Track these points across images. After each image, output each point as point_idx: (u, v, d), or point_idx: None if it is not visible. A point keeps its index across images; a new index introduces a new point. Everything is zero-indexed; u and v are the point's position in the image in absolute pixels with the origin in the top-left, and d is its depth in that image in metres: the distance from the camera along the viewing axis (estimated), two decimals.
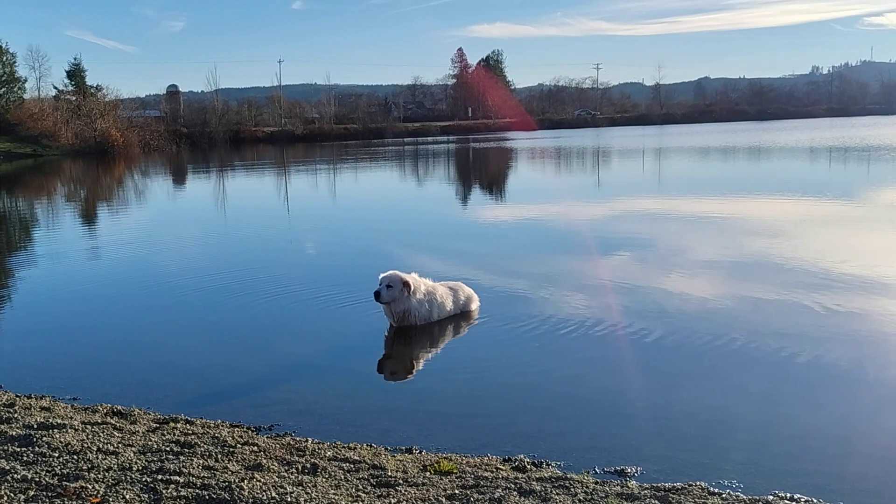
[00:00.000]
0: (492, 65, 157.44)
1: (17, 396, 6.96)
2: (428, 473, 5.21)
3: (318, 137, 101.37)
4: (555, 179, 35.18)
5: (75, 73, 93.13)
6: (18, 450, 5.22)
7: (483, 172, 42.79)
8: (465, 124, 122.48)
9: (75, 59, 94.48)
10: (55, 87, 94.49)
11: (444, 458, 5.56)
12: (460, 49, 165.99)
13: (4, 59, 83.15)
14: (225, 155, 70.81)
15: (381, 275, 9.20)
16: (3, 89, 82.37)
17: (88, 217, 25.40)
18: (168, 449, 5.43)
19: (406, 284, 9.09)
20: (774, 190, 24.01)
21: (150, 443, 5.57)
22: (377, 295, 9.07)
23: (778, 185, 25.47)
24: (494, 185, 33.37)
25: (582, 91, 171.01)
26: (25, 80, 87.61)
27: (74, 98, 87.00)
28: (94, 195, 34.81)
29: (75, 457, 5.12)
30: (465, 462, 5.50)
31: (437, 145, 79.09)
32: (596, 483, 5.04)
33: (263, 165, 54.12)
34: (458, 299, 9.75)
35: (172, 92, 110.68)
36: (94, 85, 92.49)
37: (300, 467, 5.18)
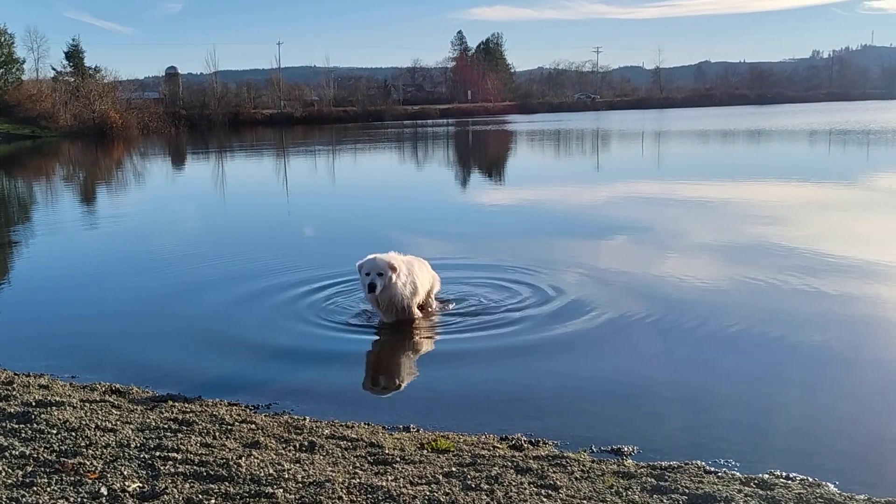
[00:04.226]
0: (492, 48, 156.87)
1: (15, 374, 6.98)
2: (425, 451, 5.23)
3: (317, 120, 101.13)
4: (554, 163, 35.11)
5: (74, 55, 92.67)
6: (17, 426, 5.24)
7: (482, 155, 42.72)
8: (465, 107, 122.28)
9: (73, 40, 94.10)
10: (53, 69, 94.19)
11: (442, 436, 5.58)
12: (460, 32, 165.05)
13: (2, 39, 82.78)
14: (224, 137, 70.63)
15: (361, 262, 8.40)
16: (1, 70, 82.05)
17: (87, 198, 25.37)
18: (166, 426, 5.44)
19: (392, 268, 8.30)
20: (774, 174, 23.98)
21: (148, 420, 5.58)
22: (372, 287, 8.20)
23: (778, 170, 25.44)
24: (494, 168, 33.32)
25: (582, 74, 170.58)
26: (24, 61, 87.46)
27: (73, 79, 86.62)
28: (92, 176, 34.74)
29: (73, 433, 5.14)
30: (462, 440, 5.52)
31: (437, 128, 78.89)
32: (593, 462, 5.06)
33: (262, 148, 53.97)
34: (432, 275, 9.18)
35: (171, 74, 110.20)
36: (93, 66, 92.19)
37: (298, 445, 5.20)
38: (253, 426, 5.58)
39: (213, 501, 4.14)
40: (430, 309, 9.16)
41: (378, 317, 8.81)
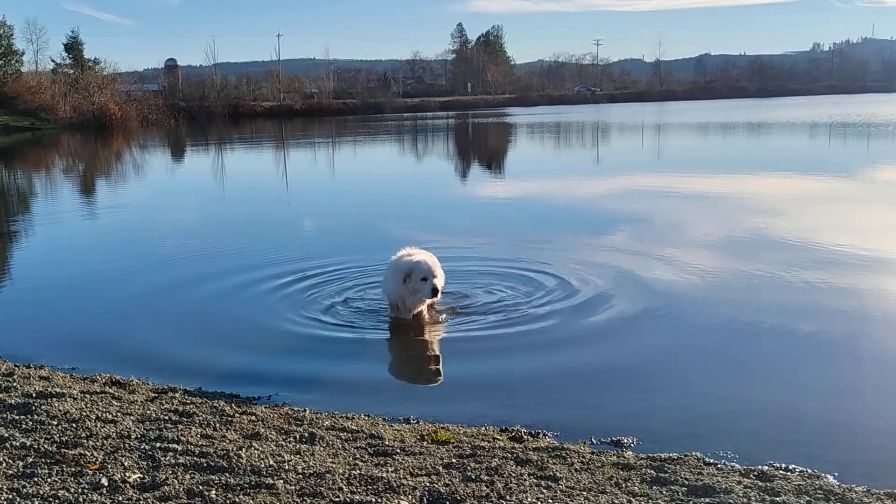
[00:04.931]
0: (492, 40, 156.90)
1: (15, 366, 6.99)
2: (425, 443, 5.24)
3: (316, 112, 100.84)
4: (554, 156, 35.08)
5: (73, 47, 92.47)
6: (17, 418, 5.25)
7: (483, 148, 42.67)
8: (465, 100, 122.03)
9: (73, 31, 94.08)
10: (53, 61, 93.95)
11: (442, 427, 5.59)
12: (460, 24, 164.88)
13: (1, 31, 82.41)
14: (223, 129, 70.50)
15: (409, 267, 7.98)
16: (0, 62, 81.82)
17: (86, 190, 25.34)
18: (166, 418, 5.46)
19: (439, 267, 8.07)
20: (774, 167, 23.95)
21: (148, 412, 5.59)
22: (436, 291, 7.91)
23: (778, 162, 25.41)
24: (494, 161, 33.28)
25: (582, 67, 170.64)
26: (23, 53, 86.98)
27: (72, 71, 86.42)
28: (92, 168, 34.71)
29: (74, 425, 5.14)
30: (462, 432, 5.53)
31: (437, 121, 78.79)
32: (592, 453, 5.07)
33: (262, 140, 53.92)
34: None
35: (171, 66, 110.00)
36: (92, 58, 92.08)
37: (298, 436, 5.21)
38: (253, 417, 5.59)
39: (213, 492, 4.14)
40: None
41: (378, 311, 8.81)
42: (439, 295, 8.04)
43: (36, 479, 4.24)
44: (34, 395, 5.83)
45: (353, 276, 10.29)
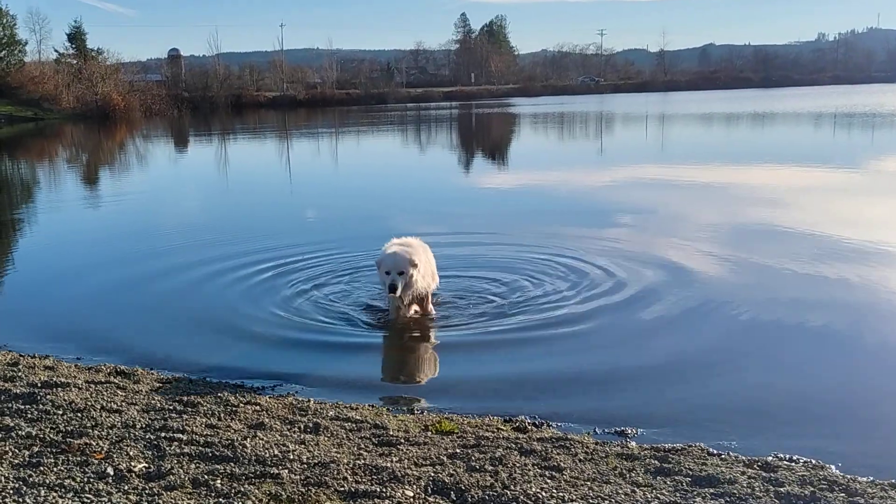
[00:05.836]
0: (495, 30, 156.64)
1: (20, 356, 7.00)
2: (429, 433, 5.24)
3: (320, 102, 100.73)
4: (558, 146, 35.02)
5: (76, 36, 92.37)
6: (23, 407, 5.26)
7: (486, 139, 42.60)
8: (468, 90, 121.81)
9: (76, 21, 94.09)
10: (56, 51, 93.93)
11: (446, 418, 5.60)
12: (463, 14, 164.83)
13: (5, 21, 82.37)
14: (226, 120, 70.47)
15: (380, 257, 7.78)
16: (3, 52, 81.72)
17: (90, 180, 25.35)
18: (171, 407, 5.47)
19: (413, 265, 7.64)
20: (779, 158, 23.89)
21: (153, 401, 5.60)
22: (393, 288, 7.56)
23: (782, 153, 25.35)
24: (497, 151, 33.23)
25: (586, 57, 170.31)
26: (26, 43, 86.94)
27: (75, 61, 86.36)
28: (95, 159, 34.71)
29: (79, 414, 5.16)
30: (466, 422, 5.54)
31: (440, 111, 78.65)
32: (596, 444, 5.07)
33: (265, 130, 53.86)
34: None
35: (174, 56, 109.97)
36: (95, 48, 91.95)
37: (302, 426, 5.21)
38: (258, 407, 5.60)
39: (218, 482, 4.15)
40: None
41: (381, 302, 8.79)
42: (398, 292, 7.62)
43: (42, 468, 4.25)
44: (39, 384, 5.85)
45: (357, 268, 10.28)
